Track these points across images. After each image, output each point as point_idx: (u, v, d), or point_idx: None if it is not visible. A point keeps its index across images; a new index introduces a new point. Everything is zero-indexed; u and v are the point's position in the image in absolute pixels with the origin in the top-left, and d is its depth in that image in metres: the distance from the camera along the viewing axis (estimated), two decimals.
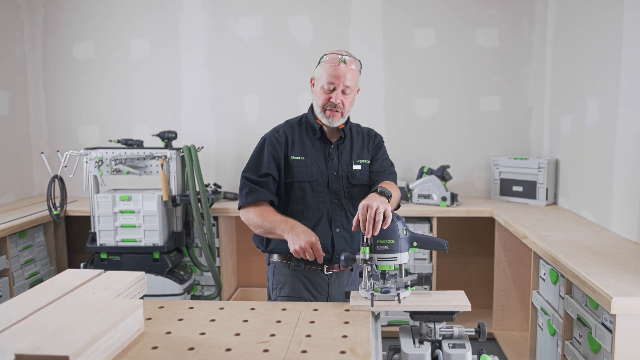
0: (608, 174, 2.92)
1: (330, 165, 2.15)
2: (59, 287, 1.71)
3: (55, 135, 4.32)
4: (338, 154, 2.17)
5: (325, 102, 2.08)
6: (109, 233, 3.40)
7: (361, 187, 2.17)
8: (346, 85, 2.05)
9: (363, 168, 2.20)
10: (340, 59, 2.04)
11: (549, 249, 2.52)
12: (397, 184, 2.20)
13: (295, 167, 2.12)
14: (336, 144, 2.18)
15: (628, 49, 2.72)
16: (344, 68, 2.04)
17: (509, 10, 3.97)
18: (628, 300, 1.85)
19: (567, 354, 2.33)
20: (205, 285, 3.90)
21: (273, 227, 1.99)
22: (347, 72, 2.05)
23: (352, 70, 2.06)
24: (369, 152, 2.25)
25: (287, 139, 2.15)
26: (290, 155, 2.13)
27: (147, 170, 3.52)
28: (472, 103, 4.08)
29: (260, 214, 2.04)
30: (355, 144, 2.23)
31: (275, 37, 4.13)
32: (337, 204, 2.13)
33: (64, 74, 4.27)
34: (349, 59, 2.06)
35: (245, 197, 2.09)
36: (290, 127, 2.20)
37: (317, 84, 2.11)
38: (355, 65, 2.08)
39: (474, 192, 4.16)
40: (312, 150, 2.15)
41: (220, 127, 4.24)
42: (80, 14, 4.21)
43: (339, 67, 2.04)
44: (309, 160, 2.13)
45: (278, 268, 2.18)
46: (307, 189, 2.11)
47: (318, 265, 2.12)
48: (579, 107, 3.33)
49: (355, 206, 2.11)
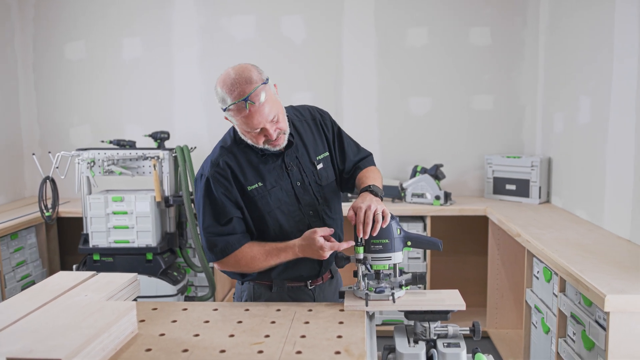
0: (601, 172, 2.93)
1: (292, 177, 1.89)
2: (51, 290, 1.69)
3: (46, 136, 4.29)
4: (294, 160, 1.90)
5: (262, 141, 1.77)
6: (101, 234, 3.38)
7: (330, 184, 1.97)
8: (270, 120, 1.72)
9: (326, 164, 1.96)
10: (246, 105, 1.67)
11: (543, 247, 2.53)
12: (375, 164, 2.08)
13: (257, 198, 1.84)
14: (287, 151, 1.88)
15: (619, 47, 2.73)
16: (256, 109, 1.68)
17: (501, 9, 3.98)
18: (621, 297, 1.86)
19: (561, 351, 2.34)
20: (199, 286, 3.89)
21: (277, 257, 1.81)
22: (263, 109, 1.69)
23: (265, 103, 1.69)
24: (323, 142, 1.99)
25: (234, 170, 1.82)
26: (247, 187, 1.83)
27: (140, 171, 3.50)
28: (465, 102, 4.09)
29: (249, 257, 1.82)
30: (306, 140, 1.94)
31: (268, 36, 4.12)
32: (314, 215, 1.91)
33: (55, 74, 4.25)
34: (254, 96, 1.67)
35: (222, 253, 1.81)
36: (230, 153, 1.85)
37: (238, 128, 1.80)
38: (263, 92, 1.69)
39: (467, 190, 4.17)
40: (266, 169, 1.85)
41: (213, 127, 4.22)
42: (71, 14, 4.18)
43: (251, 112, 1.68)
44: (268, 184, 1.85)
45: (257, 290, 1.95)
46: (279, 216, 1.86)
47: (301, 281, 1.95)
48: (571, 105, 3.34)
49: (330, 206, 1.96)
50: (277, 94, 1.80)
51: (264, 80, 1.72)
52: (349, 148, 2.05)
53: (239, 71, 1.73)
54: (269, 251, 1.81)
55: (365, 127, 4.11)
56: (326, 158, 1.98)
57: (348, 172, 2.04)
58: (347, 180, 2.04)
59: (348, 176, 2.04)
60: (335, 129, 2.04)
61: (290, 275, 1.93)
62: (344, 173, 2.04)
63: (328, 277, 2.03)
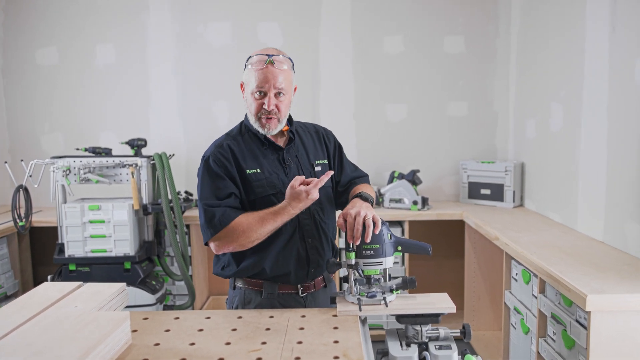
0: (574, 177, 3.03)
1: (289, 172, 1.94)
2: (39, 301, 1.65)
3: (17, 144, 4.18)
4: (293, 158, 1.98)
5: (257, 109, 1.86)
6: (77, 244, 3.31)
7: (325, 190, 1.98)
8: (278, 89, 1.84)
9: (323, 169, 2.02)
10: (267, 60, 1.82)
11: (522, 250, 2.60)
12: None
13: (254, 182, 1.89)
14: (287, 147, 1.97)
15: (591, 55, 2.83)
16: (273, 70, 1.82)
17: (474, 18, 4.08)
18: (602, 297, 1.93)
19: (541, 351, 2.40)
20: (177, 295, 3.84)
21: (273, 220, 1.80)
22: (278, 74, 1.83)
23: (283, 71, 1.85)
24: (324, 152, 2.07)
25: (235, 153, 1.90)
26: (246, 170, 1.89)
27: (117, 178, 3.45)
28: (440, 108, 4.17)
29: (245, 224, 1.81)
30: (307, 144, 2.03)
31: (244, 43, 4.12)
32: (306, 212, 1.92)
33: (26, 80, 4.15)
34: (277, 58, 1.84)
35: (220, 223, 1.81)
36: (234, 139, 1.94)
37: (247, 90, 1.89)
38: (286, 65, 1.87)
39: (443, 195, 4.24)
40: (265, 159, 1.93)
41: (190, 133, 4.19)
42: (42, 19, 4.09)
43: (267, 69, 1.82)
44: (266, 171, 1.91)
45: (248, 295, 1.96)
46: (273, 202, 1.87)
47: (293, 287, 1.96)
48: (543, 112, 3.45)
49: (323, 210, 1.99)
50: (295, 87, 1.98)
51: (291, 64, 1.92)
52: (347, 164, 2.15)
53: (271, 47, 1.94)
54: (263, 217, 1.81)
55: (342, 134, 4.10)
56: (325, 165, 2.04)
57: (343, 186, 2.10)
58: (341, 194, 2.10)
59: (343, 189, 2.10)
60: (337, 144, 2.14)
61: (279, 271, 1.91)
62: (339, 186, 2.10)
63: (321, 285, 2.03)
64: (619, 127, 2.58)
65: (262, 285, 1.95)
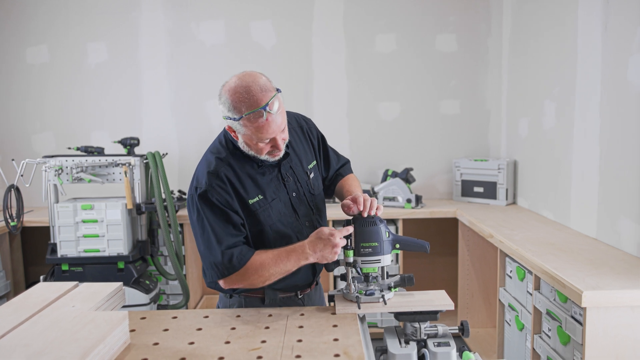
0: (566, 174, 3.05)
1: (288, 188, 1.85)
2: (35, 302, 1.64)
3: (7, 143, 4.14)
4: (289, 171, 1.87)
5: (266, 151, 1.72)
6: (70, 244, 3.28)
7: (320, 194, 1.97)
8: (281, 129, 1.70)
9: (315, 173, 1.96)
10: (264, 114, 1.61)
11: (517, 247, 2.61)
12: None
13: (259, 212, 1.77)
14: (284, 161, 1.84)
15: (583, 53, 2.85)
16: (272, 118, 1.63)
17: (466, 17, 4.09)
18: (597, 293, 1.95)
19: (536, 347, 2.42)
20: (171, 294, 3.82)
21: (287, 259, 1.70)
22: (278, 118, 1.65)
23: (280, 112, 1.66)
24: (311, 150, 1.98)
25: (233, 183, 1.74)
26: (248, 200, 1.75)
27: (110, 178, 3.42)
28: (433, 107, 4.18)
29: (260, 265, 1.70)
30: (297, 150, 1.92)
31: (237, 42, 4.10)
32: (309, 226, 1.88)
33: (16, 79, 4.10)
34: (271, 104, 1.61)
35: (239, 263, 1.68)
36: (228, 165, 1.75)
37: (244, 138, 1.71)
38: (277, 101, 1.65)
39: (436, 193, 4.26)
40: (264, 181, 1.80)
41: (183, 132, 4.17)
42: (32, 17, 4.05)
43: (267, 122, 1.62)
44: (269, 196, 1.79)
45: (248, 303, 1.89)
46: (280, 228, 1.81)
47: (292, 292, 1.92)
48: (536, 110, 3.47)
49: (321, 216, 1.97)
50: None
51: (276, 89, 1.67)
52: (332, 156, 2.11)
53: (251, 79, 1.64)
54: (278, 255, 1.70)
55: (336, 132, 4.14)
56: (315, 167, 1.98)
57: (329, 180, 2.11)
58: (328, 187, 2.11)
59: (329, 183, 2.11)
60: (319, 136, 2.06)
61: (285, 284, 1.87)
62: (325, 180, 2.11)
63: (314, 285, 2.04)
64: (611, 124, 2.61)
65: (263, 292, 1.87)
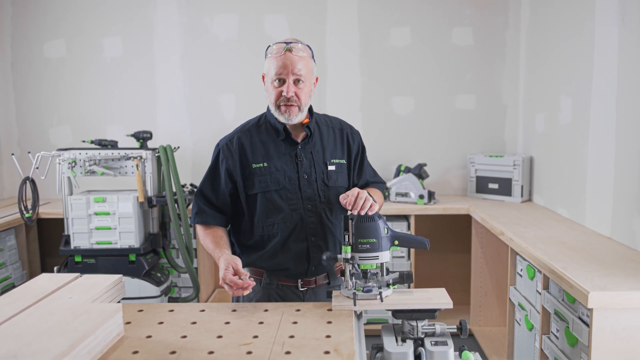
0: (582, 171, 2.97)
1: (300, 168, 1.93)
2: (34, 293, 1.66)
3: (25, 136, 4.22)
4: (308, 154, 1.96)
5: (277, 97, 1.86)
6: (83, 235, 3.32)
7: (337, 190, 1.98)
8: (297, 75, 1.83)
9: (338, 169, 2.00)
10: (285, 47, 1.82)
11: (526, 245, 2.56)
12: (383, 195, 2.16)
13: (257, 177, 1.91)
14: (303, 142, 1.96)
15: (600, 48, 2.77)
16: (292, 56, 1.82)
17: (483, 10, 4.02)
18: (604, 294, 1.89)
19: (544, 348, 2.37)
20: (183, 287, 3.86)
21: (211, 253, 1.92)
22: (296, 61, 1.83)
23: (302, 58, 1.84)
24: (344, 151, 2.04)
25: (244, 146, 1.93)
26: (252, 164, 1.92)
27: (122, 171, 3.45)
28: (447, 101, 4.12)
29: (204, 236, 1.97)
30: (326, 140, 2.01)
31: (251, 36, 4.10)
32: (311, 210, 1.93)
33: (34, 73, 4.17)
34: (296, 46, 1.84)
35: (194, 217, 2.00)
36: (247, 132, 1.96)
37: (267, 80, 1.90)
38: (305, 52, 1.86)
39: (450, 189, 4.20)
40: (276, 153, 1.93)
41: (196, 126, 4.19)
42: (50, 12, 4.11)
43: (285, 56, 1.82)
44: (272, 167, 1.92)
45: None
46: (275, 198, 1.91)
47: (292, 281, 1.97)
48: (552, 105, 3.39)
49: (332, 210, 1.97)
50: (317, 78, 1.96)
51: (311, 52, 1.90)
52: (367, 168, 2.15)
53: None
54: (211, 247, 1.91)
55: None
56: (342, 165, 2.02)
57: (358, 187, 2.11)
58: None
59: None
60: (360, 146, 2.10)
61: (276, 265, 1.97)
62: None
63: (324, 282, 2.03)
64: (628, 120, 2.53)
65: (262, 274, 1.99)
